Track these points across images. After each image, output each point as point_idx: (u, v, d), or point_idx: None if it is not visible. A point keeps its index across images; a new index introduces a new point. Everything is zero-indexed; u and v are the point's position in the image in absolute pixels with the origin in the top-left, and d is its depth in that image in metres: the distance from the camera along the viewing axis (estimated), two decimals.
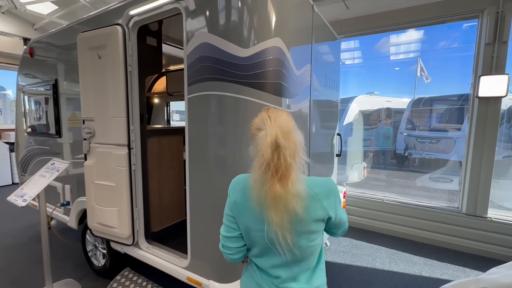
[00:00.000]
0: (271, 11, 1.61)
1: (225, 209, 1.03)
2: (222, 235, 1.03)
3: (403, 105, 9.88)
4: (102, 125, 2.12)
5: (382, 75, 10.98)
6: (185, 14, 1.66)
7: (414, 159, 8.55)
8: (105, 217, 2.16)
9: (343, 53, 10.73)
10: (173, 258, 1.98)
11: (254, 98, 1.57)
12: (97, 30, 2.05)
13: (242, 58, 1.52)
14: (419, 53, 10.01)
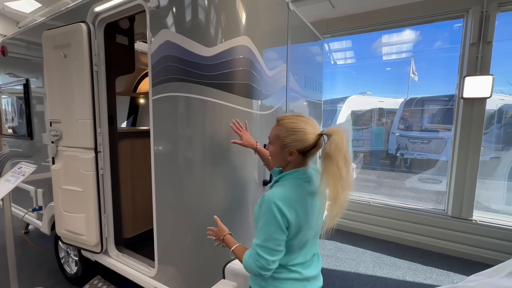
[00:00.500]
0: (239, 9, 1.53)
1: (269, 235, 0.95)
2: (267, 260, 0.95)
3: (396, 105, 9.88)
4: (68, 128, 2.03)
5: (375, 75, 10.97)
6: (148, 11, 1.57)
7: (406, 159, 8.55)
8: (73, 224, 2.07)
9: (335, 53, 10.68)
10: (141, 267, 1.89)
11: (220, 100, 1.49)
12: (62, 27, 1.95)
13: (206, 57, 1.44)
14: (412, 53, 10.06)
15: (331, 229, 0.99)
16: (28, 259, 2.98)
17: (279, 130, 1.04)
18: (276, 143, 1.05)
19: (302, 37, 2.36)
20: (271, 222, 0.95)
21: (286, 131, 1.02)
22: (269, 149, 1.12)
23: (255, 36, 1.59)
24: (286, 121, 1.03)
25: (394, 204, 3.59)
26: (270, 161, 1.15)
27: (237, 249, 1.09)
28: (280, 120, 1.06)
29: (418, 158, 8.28)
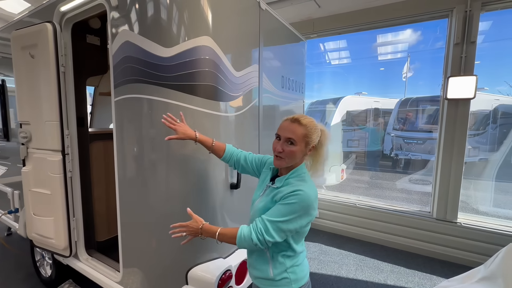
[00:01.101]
0: (201, 9, 1.49)
1: (291, 223, 1.06)
2: (274, 239, 1.06)
3: (392, 105, 9.83)
4: (37, 129, 1.99)
5: (371, 75, 10.92)
6: (109, 10, 1.53)
7: (400, 160, 8.50)
8: (42, 227, 2.04)
9: (331, 53, 10.60)
10: (109, 272, 1.85)
11: (180, 101, 1.45)
12: (28, 27, 1.92)
13: (164, 58, 1.40)
14: (409, 53, 10.01)
15: None
16: (6, 262, 2.94)
17: (306, 129, 1.12)
18: (303, 141, 1.13)
19: (278, 37, 2.32)
20: (298, 214, 1.05)
21: (311, 129, 1.13)
22: (284, 149, 1.13)
23: (219, 36, 1.55)
24: (307, 120, 1.14)
25: (380, 206, 3.55)
26: (286, 161, 1.14)
27: (223, 230, 1.13)
28: (302, 120, 1.13)
29: (412, 159, 8.24)
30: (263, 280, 1.18)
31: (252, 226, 1.09)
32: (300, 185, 1.09)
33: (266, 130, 2.16)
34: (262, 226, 1.06)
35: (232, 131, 1.75)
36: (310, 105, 10.34)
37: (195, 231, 1.15)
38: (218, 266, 1.59)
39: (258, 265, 1.19)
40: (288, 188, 1.08)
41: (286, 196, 1.06)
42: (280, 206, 1.07)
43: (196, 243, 1.60)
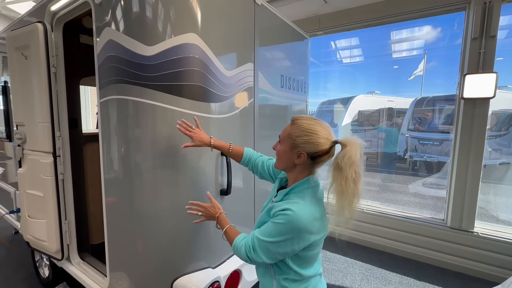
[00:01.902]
0: (187, 3, 1.40)
1: (279, 245, 0.95)
2: (262, 259, 0.98)
3: (406, 105, 9.44)
4: (30, 131, 1.98)
5: (384, 73, 10.54)
6: (94, 8, 1.47)
7: (415, 161, 8.13)
8: (36, 229, 2.02)
9: (342, 51, 10.31)
10: (98, 277, 1.81)
11: (163, 102, 1.37)
12: (21, 28, 1.90)
13: (146, 57, 1.33)
14: (426, 50, 9.57)
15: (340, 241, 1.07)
16: (9, 261, 2.99)
17: (292, 129, 1.01)
18: (287, 142, 1.02)
19: (277, 35, 2.20)
20: (287, 237, 0.93)
21: (300, 131, 0.98)
22: (276, 148, 1.09)
23: (208, 34, 1.46)
24: (302, 121, 1.00)
25: (389, 212, 3.36)
26: (277, 161, 1.09)
27: (230, 230, 1.11)
28: (296, 120, 1.02)
29: (428, 161, 7.86)
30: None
31: (245, 240, 1.04)
32: (294, 204, 0.96)
33: (263, 131, 2.05)
34: (251, 243, 1.00)
35: (224, 133, 1.65)
36: (321, 104, 10.12)
37: (211, 215, 1.17)
38: (206, 277, 1.50)
39: (263, 280, 1.13)
40: (281, 205, 0.97)
41: (276, 214, 0.96)
42: (269, 224, 0.98)
43: (183, 250, 1.52)
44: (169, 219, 1.48)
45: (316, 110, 10.13)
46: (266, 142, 2.06)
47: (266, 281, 1.10)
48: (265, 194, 2.03)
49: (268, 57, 2.06)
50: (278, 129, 2.28)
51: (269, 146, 1.18)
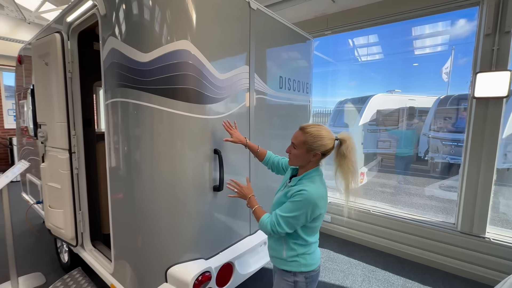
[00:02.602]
0: (182, 13, 1.51)
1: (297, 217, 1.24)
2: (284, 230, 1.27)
3: (429, 103, 9.02)
4: (51, 130, 2.21)
5: (406, 71, 10.11)
6: (100, 19, 1.63)
7: (436, 163, 7.75)
8: (55, 218, 2.25)
9: (360, 49, 10.04)
10: (106, 263, 1.99)
11: (161, 105, 1.49)
12: (43, 38, 2.13)
13: (142, 63, 1.46)
14: (453, 46, 9.06)
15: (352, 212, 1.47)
16: (39, 246, 3.32)
17: (306, 137, 1.30)
18: (303, 147, 1.31)
19: (275, 37, 2.26)
20: (302, 210, 1.23)
21: (313, 138, 1.29)
22: (291, 151, 1.38)
23: (200, 40, 1.56)
24: (311, 129, 1.30)
25: (397, 214, 3.28)
26: (290, 160, 1.40)
27: (258, 209, 1.38)
28: (306, 128, 1.32)
29: (451, 163, 7.46)
30: (278, 259, 1.39)
31: (270, 218, 1.31)
32: (307, 186, 1.26)
33: (259, 131, 2.12)
34: (275, 220, 1.28)
35: (218, 133, 1.75)
36: (338, 104, 9.94)
37: (244, 195, 1.45)
38: (197, 267, 1.61)
39: (275, 246, 1.40)
40: (297, 187, 1.27)
41: (293, 195, 1.26)
42: (288, 203, 1.27)
43: (177, 242, 1.64)
44: (165, 212, 1.60)
45: (333, 109, 9.98)
46: (262, 141, 2.14)
47: (277, 245, 1.38)
48: (261, 190, 2.11)
49: (265, 60, 2.13)
50: (277, 127, 2.35)
51: (264, 142, 1.56)
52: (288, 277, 1.35)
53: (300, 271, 1.34)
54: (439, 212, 4.63)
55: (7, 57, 6.56)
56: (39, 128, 2.33)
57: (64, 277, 2.41)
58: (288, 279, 1.35)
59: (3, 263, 2.89)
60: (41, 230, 3.71)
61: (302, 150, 1.31)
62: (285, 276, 1.36)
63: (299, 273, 1.34)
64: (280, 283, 1.39)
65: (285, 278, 1.36)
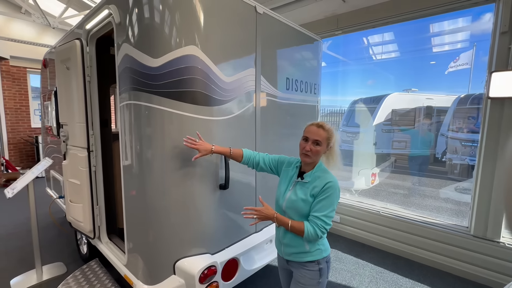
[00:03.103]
0: (189, 19, 1.59)
1: (334, 207, 1.36)
2: (330, 226, 1.36)
3: (448, 103, 8.70)
4: (71, 130, 2.37)
5: (424, 69, 9.78)
6: (115, 27, 1.75)
7: (455, 165, 7.47)
8: (75, 212, 2.41)
9: (375, 47, 9.83)
10: (120, 255, 2.12)
11: (170, 108, 1.59)
12: (64, 44, 2.29)
13: (153, 68, 1.55)
14: (475, 43, 8.69)
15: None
16: (61, 238, 3.55)
17: (328, 133, 1.42)
18: (325, 143, 1.42)
19: (282, 40, 2.30)
20: (336, 199, 1.35)
21: (331, 134, 1.42)
22: (312, 149, 1.41)
23: (207, 45, 1.64)
24: (328, 126, 1.44)
25: (407, 216, 3.24)
26: (312, 158, 1.42)
27: (294, 223, 1.37)
28: (324, 126, 1.43)
29: (470, 164, 7.17)
30: (300, 254, 1.43)
31: (313, 225, 1.33)
32: (327, 177, 1.38)
33: (265, 132, 2.18)
34: (321, 223, 1.32)
35: (224, 133, 1.82)
36: (352, 104, 9.78)
37: (266, 217, 1.40)
38: (203, 261, 1.69)
39: (293, 243, 1.44)
40: (321, 182, 1.36)
41: (323, 190, 1.34)
42: (324, 201, 1.33)
43: (185, 237, 1.73)
44: (174, 208, 1.69)
45: (346, 109, 9.84)
46: (268, 141, 2.19)
47: (297, 241, 1.42)
48: (264, 186, 2.16)
49: (271, 62, 2.18)
50: (284, 128, 2.39)
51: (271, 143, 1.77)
52: (313, 267, 1.42)
53: (322, 257, 1.43)
54: (454, 215, 4.49)
55: (34, 61, 6.99)
56: (61, 128, 2.50)
57: (83, 267, 2.58)
58: (313, 269, 1.42)
59: (28, 253, 3.12)
60: (63, 224, 3.96)
61: (325, 145, 1.42)
62: (310, 267, 1.42)
63: (322, 260, 1.43)
64: (305, 275, 1.43)
65: (311, 269, 1.42)
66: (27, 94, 7.19)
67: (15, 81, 6.97)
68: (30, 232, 2.57)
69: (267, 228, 2.32)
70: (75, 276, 2.50)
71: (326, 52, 6.71)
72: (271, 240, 2.29)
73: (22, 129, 7.17)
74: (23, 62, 6.98)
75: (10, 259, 3.06)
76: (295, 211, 1.41)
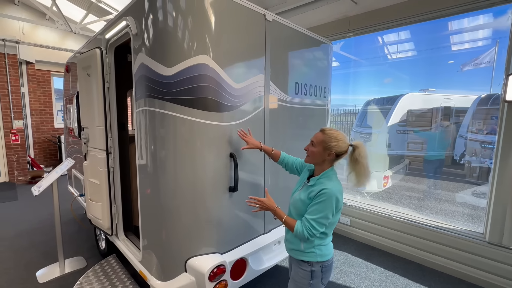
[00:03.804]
0: (202, 30, 1.67)
1: (325, 214, 1.39)
2: (318, 231, 1.40)
3: (468, 103, 8.40)
4: (92, 132, 2.52)
5: (442, 69, 9.46)
6: (132, 37, 1.86)
7: (474, 168, 7.20)
8: (94, 210, 2.57)
9: (391, 46, 9.63)
10: (135, 252, 2.24)
11: (182, 114, 1.67)
12: (86, 52, 2.43)
13: (167, 76, 1.64)
14: (498, 40, 8.33)
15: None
16: (81, 233, 3.75)
17: (324, 136, 1.47)
18: (321, 145, 1.47)
19: (291, 45, 2.34)
20: (329, 207, 1.38)
21: (330, 138, 1.46)
22: (309, 149, 1.53)
23: (218, 54, 1.71)
24: (330, 132, 1.48)
25: (419, 221, 3.19)
26: (307, 157, 1.54)
27: (288, 219, 1.49)
28: (325, 130, 1.50)
29: (490, 167, 6.90)
30: (296, 251, 1.53)
31: (303, 225, 1.41)
32: (326, 184, 1.41)
33: (274, 136, 2.23)
34: (309, 225, 1.39)
35: (233, 138, 1.89)
36: (366, 104, 9.63)
37: (267, 208, 1.53)
38: (213, 260, 1.77)
39: (292, 240, 1.54)
40: (318, 188, 1.41)
41: (317, 196, 1.39)
42: (316, 206, 1.39)
43: (196, 237, 1.82)
44: (187, 208, 1.78)
45: (360, 109, 9.70)
46: (277, 144, 2.25)
47: (295, 238, 1.51)
48: (279, 190, 2.22)
49: (281, 67, 2.23)
50: (293, 132, 2.44)
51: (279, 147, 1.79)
52: (305, 267, 1.49)
53: (316, 261, 1.48)
54: (470, 220, 4.36)
55: (57, 64, 7.37)
56: (83, 131, 2.66)
57: (101, 262, 2.74)
58: (305, 269, 1.49)
59: (52, 247, 3.34)
60: (83, 220, 4.18)
61: (320, 148, 1.47)
62: (303, 266, 1.50)
63: (315, 263, 1.48)
64: (298, 273, 1.53)
65: (303, 268, 1.50)
66: (50, 96, 7.60)
67: (40, 83, 7.38)
68: (53, 227, 2.76)
69: (275, 230, 2.37)
70: (95, 270, 2.66)
71: (339, 52, 6.65)
72: (279, 241, 2.34)
73: (46, 129, 7.58)
74: (47, 65, 7.38)
75: (36, 252, 3.27)
76: (295, 209, 1.52)
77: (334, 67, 3.13)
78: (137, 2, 1.79)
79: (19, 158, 6.44)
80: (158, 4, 1.64)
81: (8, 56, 6.09)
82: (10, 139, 6.29)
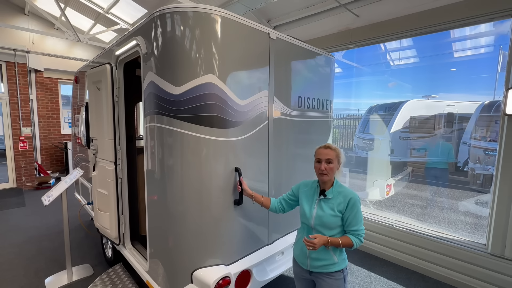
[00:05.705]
0: (208, 51, 1.74)
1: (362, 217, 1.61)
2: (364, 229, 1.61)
3: (470, 110, 8.40)
4: (101, 144, 2.60)
5: (445, 75, 9.47)
6: (142, 56, 1.94)
7: (477, 175, 7.17)
8: (102, 219, 2.64)
9: (393, 53, 9.70)
10: (142, 261, 2.30)
11: (188, 130, 1.74)
12: (97, 67, 2.53)
13: (175, 95, 1.72)
14: (501, 46, 8.34)
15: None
16: (88, 240, 3.82)
17: (337, 153, 1.65)
18: (336, 160, 1.63)
19: (294, 61, 2.41)
20: (360, 209, 1.59)
21: (339, 152, 1.66)
22: (326, 168, 1.61)
23: (224, 73, 1.79)
24: (334, 146, 1.67)
25: (421, 231, 3.21)
26: (329, 175, 1.63)
27: (343, 239, 1.56)
28: (331, 146, 1.67)
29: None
30: (330, 265, 1.61)
31: (357, 237, 1.56)
32: (345, 191, 1.61)
33: (277, 149, 2.29)
34: (361, 232, 1.57)
35: (237, 153, 1.95)
36: (368, 112, 9.67)
37: (322, 243, 1.51)
38: (218, 272, 1.82)
39: (322, 256, 1.61)
40: (344, 198, 1.58)
41: (350, 207, 1.56)
42: (355, 215, 1.56)
43: (203, 249, 1.87)
44: (193, 221, 1.84)
45: (363, 115, 9.75)
46: (281, 157, 2.30)
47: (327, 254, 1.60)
48: None
49: (284, 83, 2.30)
50: (296, 146, 2.49)
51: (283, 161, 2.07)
52: (338, 276, 1.62)
53: (345, 265, 1.65)
54: (473, 230, 4.36)
55: (65, 72, 7.54)
56: (92, 142, 2.75)
57: (108, 271, 2.80)
58: (339, 277, 1.62)
59: (60, 254, 3.41)
60: (89, 226, 4.26)
61: (336, 162, 1.63)
62: (336, 276, 1.61)
63: (345, 268, 1.64)
64: (332, 285, 1.61)
65: (337, 278, 1.61)
66: (58, 103, 7.76)
67: (48, 91, 7.55)
68: (60, 234, 2.80)
69: (278, 241, 2.42)
70: (102, 279, 2.71)
71: (342, 60, 6.71)
72: (282, 252, 2.38)
73: (53, 136, 7.73)
74: (55, 73, 7.55)
75: (44, 259, 3.34)
76: (324, 226, 1.59)
77: (337, 73, 3.19)
78: (147, 23, 1.88)
79: (26, 165, 6.57)
80: (168, 26, 1.73)
81: (18, 65, 6.25)
82: (18, 146, 6.42)
